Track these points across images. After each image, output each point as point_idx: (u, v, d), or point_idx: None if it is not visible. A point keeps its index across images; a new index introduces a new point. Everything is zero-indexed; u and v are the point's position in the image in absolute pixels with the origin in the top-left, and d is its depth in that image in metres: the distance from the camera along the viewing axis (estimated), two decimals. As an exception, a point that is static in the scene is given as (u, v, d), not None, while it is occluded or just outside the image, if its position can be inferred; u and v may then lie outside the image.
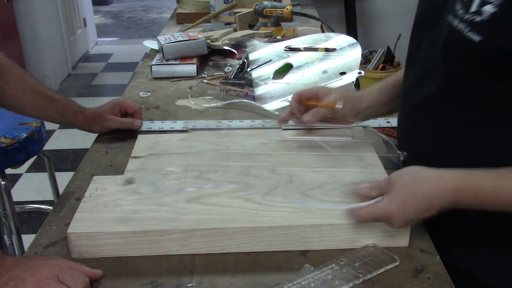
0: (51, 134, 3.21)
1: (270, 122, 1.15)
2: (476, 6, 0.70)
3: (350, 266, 0.71)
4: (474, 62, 0.73)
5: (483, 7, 0.70)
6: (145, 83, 1.45)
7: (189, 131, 0.96)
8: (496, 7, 0.68)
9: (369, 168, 0.90)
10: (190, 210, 0.78)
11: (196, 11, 2.12)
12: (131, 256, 0.75)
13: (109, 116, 1.11)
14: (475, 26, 0.70)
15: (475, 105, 0.77)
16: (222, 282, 0.70)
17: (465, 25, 0.72)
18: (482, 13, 0.70)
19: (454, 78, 0.78)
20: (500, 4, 0.68)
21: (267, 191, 0.83)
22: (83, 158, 1.03)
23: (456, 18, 0.73)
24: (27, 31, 3.72)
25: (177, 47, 1.52)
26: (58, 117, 1.11)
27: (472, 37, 0.71)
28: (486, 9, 0.69)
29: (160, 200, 0.80)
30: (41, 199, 2.53)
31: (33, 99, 1.09)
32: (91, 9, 5.16)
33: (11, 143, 1.64)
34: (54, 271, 0.67)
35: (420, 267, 0.73)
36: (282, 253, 0.76)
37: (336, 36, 1.28)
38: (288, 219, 0.76)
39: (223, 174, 0.88)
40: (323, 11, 3.12)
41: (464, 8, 0.72)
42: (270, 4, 1.82)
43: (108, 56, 4.91)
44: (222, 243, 0.75)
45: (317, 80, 1.21)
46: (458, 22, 0.73)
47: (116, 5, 7.29)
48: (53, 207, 0.88)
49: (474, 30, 0.70)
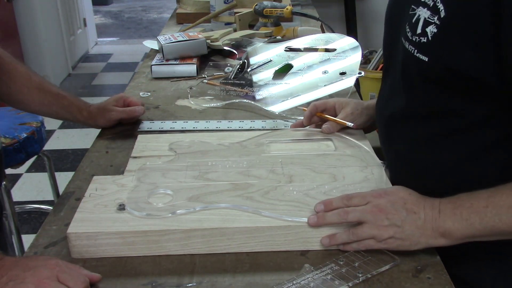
0: (51, 134, 3.21)
1: (270, 123, 1.15)
2: (421, 27, 0.73)
3: (349, 266, 0.71)
4: (427, 81, 0.75)
5: (426, 28, 0.72)
6: (145, 83, 1.45)
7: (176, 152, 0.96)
8: (437, 27, 0.70)
9: (369, 168, 0.90)
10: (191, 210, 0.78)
11: (196, 11, 2.12)
12: (131, 256, 0.75)
13: (113, 108, 1.13)
14: (421, 47, 0.73)
15: (437, 121, 0.79)
16: (222, 282, 0.70)
17: (414, 46, 0.74)
18: (426, 33, 0.72)
19: (413, 96, 0.80)
20: (440, 23, 0.70)
21: (267, 191, 0.83)
22: (83, 158, 1.03)
23: (407, 40, 0.76)
24: (27, 31, 3.72)
25: (177, 47, 1.52)
26: (63, 112, 1.13)
27: (421, 57, 0.73)
28: (428, 30, 0.72)
29: None
30: (41, 199, 2.53)
31: (38, 95, 1.11)
32: (91, 9, 5.16)
33: (11, 143, 1.64)
34: (54, 271, 0.67)
35: (420, 267, 0.73)
36: (282, 253, 0.76)
37: (338, 39, 1.28)
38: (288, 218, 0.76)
39: (223, 174, 0.88)
40: (323, 11, 3.12)
41: (411, 30, 0.74)
42: (270, 4, 1.82)
43: (108, 56, 4.91)
44: (222, 243, 0.75)
45: (317, 81, 1.21)
46: (408, 44, 0.75)
47: (116, 5, 7.29)
48: (53, 207, 0.88)
49: (421, 51, 0.73)
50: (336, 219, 0.74)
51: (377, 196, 0.75)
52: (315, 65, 1.25)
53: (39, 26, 3.76)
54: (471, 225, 0.70)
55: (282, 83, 1.25)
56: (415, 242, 0.72)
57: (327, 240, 0.74)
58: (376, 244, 0.73)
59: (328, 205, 0.76)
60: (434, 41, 0.71)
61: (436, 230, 0.72)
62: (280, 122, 1.15)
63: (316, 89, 1.20)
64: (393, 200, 0.74)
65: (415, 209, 0.73)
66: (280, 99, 1.21)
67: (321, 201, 0.77)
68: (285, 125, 1.14)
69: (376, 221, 0.72)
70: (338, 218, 0.74)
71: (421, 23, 0.73)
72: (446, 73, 0.72)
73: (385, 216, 0.72)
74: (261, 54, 1.38)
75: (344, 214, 0.74)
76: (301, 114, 1.18)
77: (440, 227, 0.72)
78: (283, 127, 1.13)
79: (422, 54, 0.73)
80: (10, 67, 1.09)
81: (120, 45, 5.34)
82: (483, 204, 0.70)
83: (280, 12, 1.80)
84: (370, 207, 0.74)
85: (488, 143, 0.77)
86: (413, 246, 0.73)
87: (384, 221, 0.72)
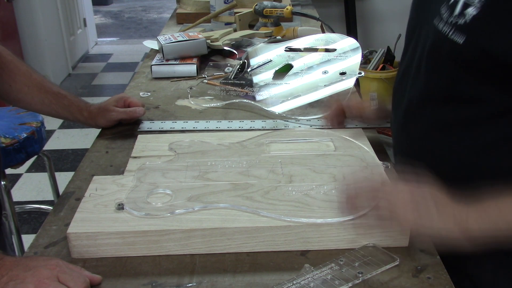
0: (51, 134, 3.21)
1: (270, 123, 1.15)
2: (459, 9, 0.72)
3: (349, 266, 0.71)
4: (457, 64, 0.75)
5: (465, 10, 0.71)
6: (145, 83, 1.45)
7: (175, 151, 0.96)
8: (477, 9, 0.70)
9: (369, 168, 0.90)
10: (190, 210, 0.78)
11: (196, 11, 2.12)
12: (131, 256, 0.75)
13: (113, 108, 1.13)
14: (458, 28, 0.72)
15: (459, 107, 0.78)
16: (222, 282, 0.70)
17: (450, 27, 0.73)
18: (465, 15, 0.71)
19: (437, 81, 0.80)
20: (481, 6, 0.69)
21: (267, 191, 0.83)
22: (83, 158, 1.03)
23: (442, 21, 0.75)
24: (27, 31, 3.72)
25: (177, 47, 1.52)
26: (64, 112, 1.13)
27: (456, 39, 0.72)
28: (468, 12, 0.71)
29: None
30: (41, 199, 2.53)
31: (39, 94, 1.11)
32: (91, 9, 5.16)
33: (11, 143, 1.64)
34: (54, 272, 0.67)
35: (420, 267, 0.73)
36: (282, 253, 0.76)
37: (338, 39, 1.28)
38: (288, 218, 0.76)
39: (223, 174, 0.88)
40: (323, 11, 3.12)
41: (449, 11, 0.74)
42: (270, 4, 1.82)
43: (108, 56, 4.91)
44: (222, 243, 0.75)
45: (317, 81, 1.21)
46: (443, 25, 0.74)
47: (116, 5, 7.29)
48: (53, 207, 0.88)
49: (458, 32, 0.72)
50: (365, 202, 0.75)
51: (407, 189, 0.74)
52: (315, 65, 1.25)
53: (39, 26, 3.76)
54: None
55: (282, 83, 1.25)
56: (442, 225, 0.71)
57: None
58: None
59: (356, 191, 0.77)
60: (473, 24, 0.70)
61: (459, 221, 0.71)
62: (280, 122, 1.15)
63: (316, 90, 1.20)
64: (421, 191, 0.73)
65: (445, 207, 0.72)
66: (280, 99, 1.21)
67: None
68: (285, 125, 1.14)
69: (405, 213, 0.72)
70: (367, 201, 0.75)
71: (461, 4, 0.72)
72: (481, 57, 0.71)
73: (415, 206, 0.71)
74: (261, 55, 1.38)
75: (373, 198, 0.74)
76: (301, 114, 1.18)
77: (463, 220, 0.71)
78: (283, 127, 1.13)
79: (457, 36, 0.72)
80: (11, 66, 1.09)
81: (120, 45, 5.34)
82: None
83: (280, 12, 1.80)
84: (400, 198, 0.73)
85: (509, 134, 0.76)
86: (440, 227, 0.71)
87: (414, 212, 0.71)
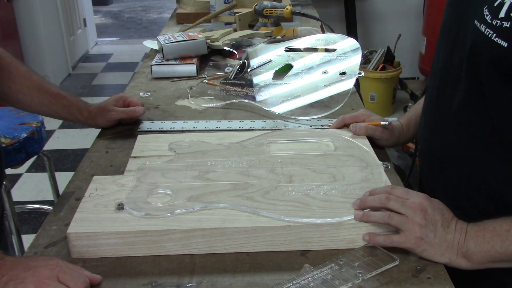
0: (51, 134, 3.21)
1: (270, 123, 1.15)
2: (505, 12, 0.69)
3: (349, 266, 0.71)
4: (499, 68, 0.72)
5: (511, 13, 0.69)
6: (145, 83, 1.45)
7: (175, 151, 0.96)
8: None
9: (369, 168, 0.90)
10: (190, 210, 0.78)
11: (196, 11, 2.12)
12: (131, 256, 0.75)
13: (113, 108, 1.13)
14: (503, 31, 0.69)
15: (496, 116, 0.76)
16: (222, 282, 0.70)
17: (493, 30, 0.70)
18: (511, 18, 0.69)
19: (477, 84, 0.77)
20: None
21: (267, 191, 0.83)
22: (83, 158, 1.03)
23: (484, 23, 0.72)
24: (27, 31, 3.72)
25: (177, 47, 1.52)
26: (63, 112, 1.13)
27: (500, 42, 0.70)
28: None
29: None
30: (41, 199, 2.53)
31: (38, 95, 1.11)
32: (91, 9, 5.16)
33: (11, 143, 1.64)
34: (54, 272, 0.67)
35: (420, 267, 0.73)
36: (282, 253, 0.76)
37: (338, 39, 1.28)
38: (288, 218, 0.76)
39: (223, 174, 0.88)
40: (323, 11, 3.12)
41: (492, 14, 0.71)
42: (270, 4, 1.82)
43: (108, 56, 4.91)
44: (222, 243, 0.75)
45: (318, 81, 1.21)
46: (485, 27, 0.72)
47: (116, 5, 7.29)
48: (53, 207, 0.88)
49: (503, 35, 0.69)
50: (377, 203, 0.76)
51: (420, 196, 0.76)
52: (315, 65, 1.25)
53: (39, 26, 3.76)
54: (492, 248, 0.71)
55: (282, 83, 1.25)
56: (440, 253, 0.73)
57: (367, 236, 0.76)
58: (404, 241, 0.73)
59: (372, 192, 0.78)
60: None
61: (460, 250, 0.73)
62: (280, 122, 1.15)
63: (316, 90, 1.20)
64: (433, 206, 0.75)
65: (449, 223, 0.74)
66: (280, 99, 1.21)
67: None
68: (285, 125, 1.14)
69: (414, 216, 0.73)
70: (379, 202, 0.75)
71: (506, 7, 0.70)
72: None
73: (423, 215, 0.73)
74: (261, 55, 1.38)
75: (385, 200, 0.75)
76: (301, 114, 1.18)
77: (463, 247, 0.72)
78: (283, 127, 1.13)
79: (501, 39, 0.70)
80: (10, 67, 1.09)
81: (120, 45, 5.34)
82: (506, 227, 0.71)
83: (280, 12, 1.80)
84: (411, 202, 0.74)
85: None
86: (438, 256, 0.73)
87: (421, 220, 0.73)
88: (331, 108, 1.18)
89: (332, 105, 1.19)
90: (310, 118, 1.17)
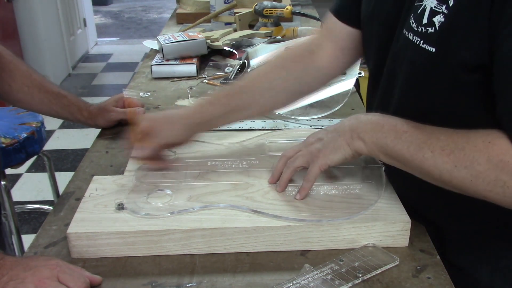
0: (51, 134, 3.21)
1: (270, 123, 1.15)
2: (426, 18, 0.71)
3: (349, 266, 0.71)
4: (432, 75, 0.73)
5: (433, 18, 0.70)
6: (145, 83, 1.45)
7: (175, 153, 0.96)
8: (444, 17, 0.68)
9: (368, 168, 0.90)
10: (190, 210, 0.78)
11: (196, 11, 2.12)
12: (131, 256, 0.75)
13: (113, 108, 1.13)
14: (429, 37, 0.70)
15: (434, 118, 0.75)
16: (222, 282, 0.70)
17: (420, 36, 0.72)
18: (433, 23, 0.70)
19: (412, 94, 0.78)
20: (447, 14, 0.68)
21: (267, 191, 0.83)
22: (83, 158, 1.03)
23: (411, 31, 0.73)
24: (27, 31, 3.72)
25: (177, 47, 1.52)
26: (63, 112, 1.13)
27: (428, 48, 0.71)
28: (436, 20, 0.70)
29: None
30: (41, 199, 2.53)
31: (39, 94, 1.11)
32: (91, 9, 5.16)
33: (11, 143, 1.64)
34: (54, 272, 0.67)
35: (420, 267, 0.73)
36: (282, 253, 0.76)
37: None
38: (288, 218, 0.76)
39: (223, 174, 0.88)
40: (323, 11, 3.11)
41: (417, 21, 0.72)
42: (270, 4, 1.82)
43: (108, 56, 4.91)
44: (222, 243, 0.75)
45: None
46: (413, 35, 0.73)
47: (116, 5, 7.29)
48: (53, 207, 0.88)
49: (428, 41, 0.71)
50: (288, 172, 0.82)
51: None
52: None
53: (39, 26, 3.76)
54: (385, 138, 0.74)
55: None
56: (337, 146, 0.78)
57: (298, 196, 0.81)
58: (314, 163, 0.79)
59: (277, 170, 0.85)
60: (442, 31, 0.69)
61: (355, 131, 0.77)
62: (280, 122, 1.15)
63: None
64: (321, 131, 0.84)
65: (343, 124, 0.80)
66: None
67: None
68: (285, 125, 1.14)
69: (306, 144, 0.83)
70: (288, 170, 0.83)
71: (427, 13, 0.70)
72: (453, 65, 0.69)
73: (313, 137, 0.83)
74: (261, 55, 1.38)
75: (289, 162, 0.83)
76: (301, 114, 1.18)
77: (358, 128, 0.77)
78: (283, 127, 1.13)
79: (429, 45, 0.70)
80: (11, 66, 1.09)
81: (120, 45, 5.34)
82: (405, 129, 0.72)
83: (280, 12, 1.80)
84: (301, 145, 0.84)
85: None
86: (335, 150, 0.78)
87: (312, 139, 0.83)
88: (331, 108, 1.19)
89: (332, 105, 1.19)
90: (310, 118, 1.17)
